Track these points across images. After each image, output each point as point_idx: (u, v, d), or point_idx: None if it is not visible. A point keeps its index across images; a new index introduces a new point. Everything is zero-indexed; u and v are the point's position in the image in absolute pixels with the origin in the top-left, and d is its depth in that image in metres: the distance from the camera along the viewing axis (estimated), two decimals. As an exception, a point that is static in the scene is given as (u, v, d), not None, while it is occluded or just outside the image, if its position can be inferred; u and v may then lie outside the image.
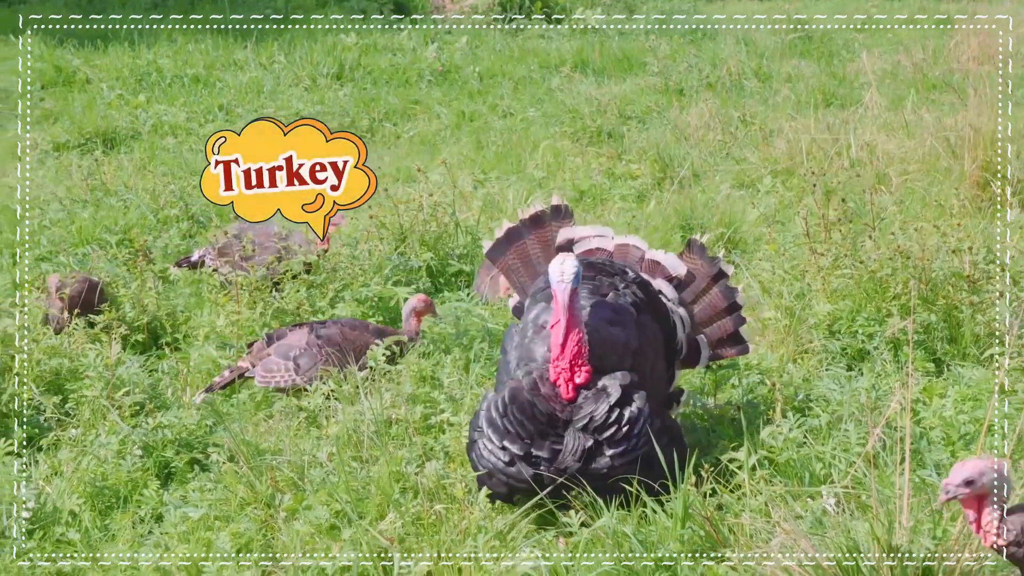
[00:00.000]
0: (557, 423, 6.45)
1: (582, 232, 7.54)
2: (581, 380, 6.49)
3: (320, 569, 6.38)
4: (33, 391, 8.29)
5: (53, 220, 11.74)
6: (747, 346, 7.46)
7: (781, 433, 6.95)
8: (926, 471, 6.71)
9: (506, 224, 7.67)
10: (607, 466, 6.36)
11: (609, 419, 6.39)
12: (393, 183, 12.17)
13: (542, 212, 7.63)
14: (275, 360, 8.45)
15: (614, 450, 6.37)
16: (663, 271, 7.32)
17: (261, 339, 8.71)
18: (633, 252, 7.42)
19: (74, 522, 7.06)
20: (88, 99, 16.16)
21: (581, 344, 6.49)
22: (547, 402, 6.47)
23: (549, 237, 7.55)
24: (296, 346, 8.48)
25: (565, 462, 6.37)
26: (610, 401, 6.42)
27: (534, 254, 7.54)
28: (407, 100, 16.23)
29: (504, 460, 6.45)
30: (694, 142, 13.50)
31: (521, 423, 6.45)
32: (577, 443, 6.38)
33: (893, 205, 10.57)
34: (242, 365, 8.57)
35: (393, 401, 7.70)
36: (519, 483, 6.44)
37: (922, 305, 8.49)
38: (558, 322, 6.48)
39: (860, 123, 13.01)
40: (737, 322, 7.40)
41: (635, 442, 6.38)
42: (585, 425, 6.40)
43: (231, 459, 7.33)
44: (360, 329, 8.70)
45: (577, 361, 6.48)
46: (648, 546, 6.11)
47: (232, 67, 17.56)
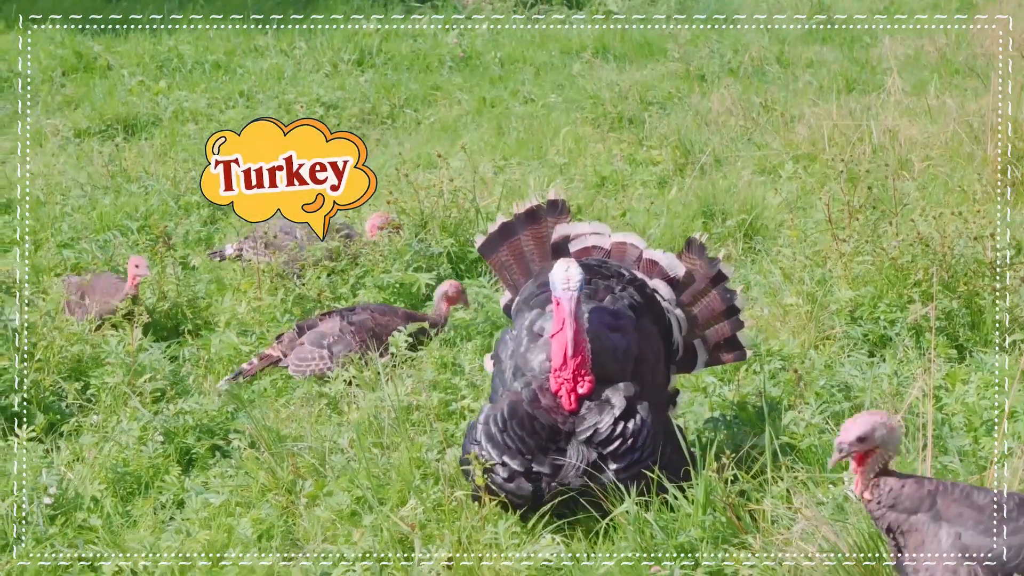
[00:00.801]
0: (559, 436, 6.28)
1: (578, 229, 7.29)
2: (584, 390, 6.30)
3: (341, 555, 6.38)
4: (55, 377, 8.31)
5: (74, 207, 11.76)
6: (744, 352, 7.17)
7: (803, 419, 6.93)
8: (948, 457, 6.68)
9: (500, 219, 7.44)
10: (610, 480, 6.22)
11: (614, 432, 6.22)
12: (414, 169, 12.15)
13: (538, 207, 7.35)
14: (309, 349, 8.47)
15: (618, 464, 6.22)
16: (661, 271, 7.07)
17: (291, 329, 8.73)
18: (630, 251, 7.17)
19: (96, 508, 7.08)
20: (109, 85, 16.17)
21: (585, 352, 6.30)
22: (548, 414, 6.29)
23: (544, 233, 7.30)
24: (329, 334, 8.50)
25: (567, 477, 6.24)
26: (615, 413, 6.26)
27: (528, 251, 7.30)
28: (428, 86, 16.19)
29: (503, 476, 6.28)
30: (715, 128, 13.45)
31: (521, 439, 6.27)
32: (581, 457, 6.23)
33: (915, 191, 10.54)
34: (272, 354, 8.58)
35: (414, 387, 7.70)
36: (518, 499, 6.30)
37: (944, 291, 8.45)
38: (561, 331, 6.27)
39: (882, 109, 12.95)
40: (735, 326, 7.12)
41: (639, 455, 6.24)
42: (589, 438, 6.24)
43: (252, 445, 7.34)
44: (390, 314, 8.72)
45: (581, 371, 6.29)
46: (670, 532, 6.09)
47: (253, 53, 17.55)
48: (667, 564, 5.95)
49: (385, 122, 15.09)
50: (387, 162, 12.89)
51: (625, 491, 6.20)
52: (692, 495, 6.18)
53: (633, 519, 6.07)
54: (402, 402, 7.44)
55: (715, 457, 6.32)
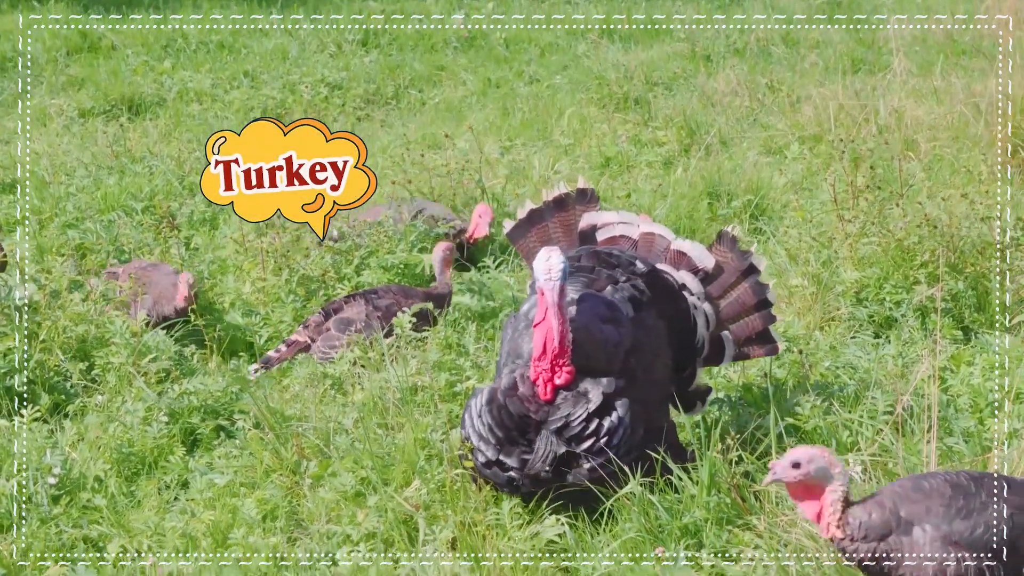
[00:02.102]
0: (528, 427, 6.17)
1: (606, 218, 7.21)
2: (562, 381, 6.17)
3: (346, 536, 6.39)
4: (60, 358, 8.31)
5: (79, 187, 11.76)
6: (776, 346, 7.04)
7: (808, 401, 6.92)
8: (953, 439, 6.68)
9: (529, 205, 7.37)
10: (584, 479, 6.12)
11: (587, 429, 6.11)
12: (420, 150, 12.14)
13: (566, 195, 7.30)
14: (335, 335, 8.45)
15: (591, 463, 6.11)
16: (689, 263, 6.96)
17: (317, 313, 8.72)
18: (658, 242, 7.06)
19: (100, 488, 7.09)
20: (113, 65, 16.16)
21: (565, 343, 6.16)
22: (522, 403, 6.18)
23: (572, 221, 7.25)
24: (356, 320, 8.49)
25: (535, 467, 6.13)
26: (589, 408, 6.13)
27: (555, 238, 7.23)
28: (433, 66, 16.17)
29: (481, 462, 6.25)
30: (721, 109, 13.43)
31: (491, 428, 6.20)
32: (548, 448, 6.11)
33: (921, 172, 10.51)
34: (299, 340, 8.57)
35: (419, 368, 7.69)
36: (498, 484, 6.27)
37: (950, 273, 8.45)
38: (544, 320, 6.16)
39: (888, 89, 12.91)
40: (767, 320, 6.98)
41: (614, 453, 6.12)
42: (559, 428, 6.12)
43: (257, 426, 7.35)
44: (413, 296, 8.72)
45: (559, 361, 6.16)
46: (674, 513, 6.09)
47: (258, 33, 17.52)
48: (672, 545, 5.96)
49: (390, 103, 15.09)
50: (392, 143, 12.88)
51: (598, 492, 6.14)
52: (697, 476, 6.18)
53: (638, 500, 6.06)
54: (407, 383, 7.43)
55: (720, 438, 6.31)
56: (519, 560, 6.04)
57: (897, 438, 6.41)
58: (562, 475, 6.14)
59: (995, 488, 5.08)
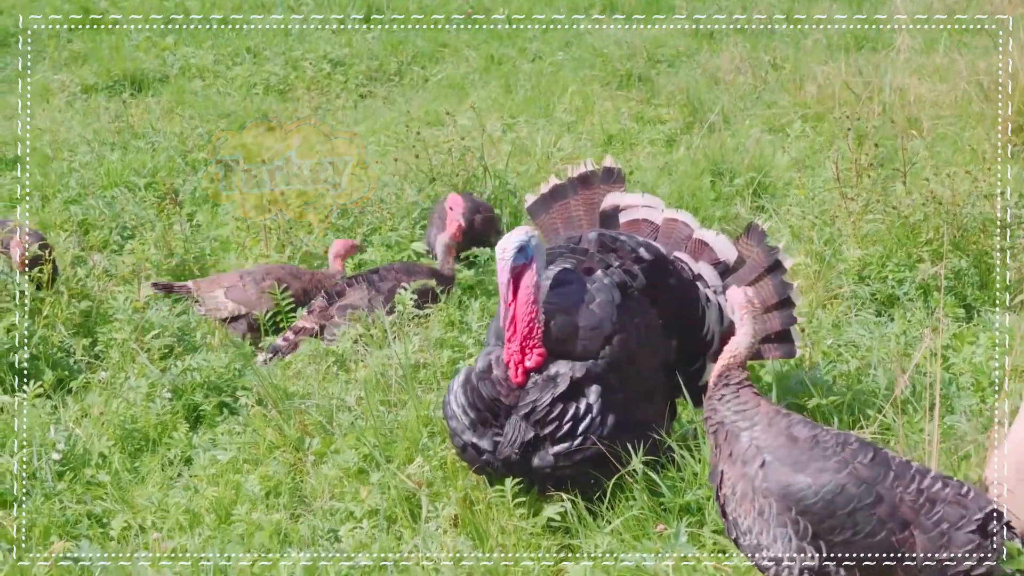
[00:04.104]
0: (499, 410, 6.10)
1: (630, 200, 7.05)
2: (532, 364, 6.06)
3: (348, 512, 6.40)
4: (63, 334, 8.33)
5: (81, 163, 11.76)
6: (794, 348, 6.81)
7: (810, 378, 6.92)
8: (955, 417, 6.67)
9: (553, 181, 7.24)
10: (551, 465, 6.03)
11: (551, 413, 6.00)
12: (422, 127, 12.12)
13: (592, 172, 7.16)
14: (341, 323, 8.44)
15: (558, 448, 6.02)
16: (710, 254, 6.80)
17: (320, 298, 8.70)
18: (681, 229, 6.89)
19: (104, 464, 7.11)
20: (116, 41, 16.13)
21: (533, 325, 6.05)
22: (494, 386, 6.10)
23: (595, 200, 7.10)
24: (359, 305, 8.47)
25: (504, 452, 6.06)
26: (555, 393, 6.02)
27: (576, 216, 7.12)
28: (435, 43, 16.14)
29: (457, 444, 6.20)
30: (724, 86, 13.41)
31: (464, 409, 6.13)
32: (516, 433, 6.03)
33: (924, 150, 10.50)
34: (306, 326, 8.55)
35: (421, 345, 7.70)
36: (474, 466, 6.22)
37: (953, 251, 8.44)
38: (513, 302, 6.08)
39: (892, 67, 12.89)
40: (787, 321, 6.75)
41: (581, 440, 6.01)
42: (527, 414, 6.03)
43: (260, 403, 7.36)
44: (417, 273, 8.71)
45: (528, 343, 6.06)
46: (677, 492, 6.09)
47: (260, 9, 17.49)
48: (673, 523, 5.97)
49: (392, 79, 15.06)
50: (394, 119, 12.86)
51: (562, 481, 6.09)
52: (700, 455, 6.18)
53: (640, 478, 6.06)
54: (410, 360, 7.44)
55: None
56: (521, 537, 6.05)
57: (899, 416, 6.41)
58: (531, 461, 6.05)
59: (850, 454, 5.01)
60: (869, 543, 4.85)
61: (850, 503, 4.86)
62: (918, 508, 4.84)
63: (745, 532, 5.01)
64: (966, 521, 4.82)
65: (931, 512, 4.84)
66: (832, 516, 4.87)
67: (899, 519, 4.84)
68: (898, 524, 4.84)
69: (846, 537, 4.86)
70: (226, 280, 8.87)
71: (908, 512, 4.84)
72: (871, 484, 4.88)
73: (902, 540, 4.83)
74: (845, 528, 4.86)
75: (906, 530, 4.83)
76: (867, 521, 4.85)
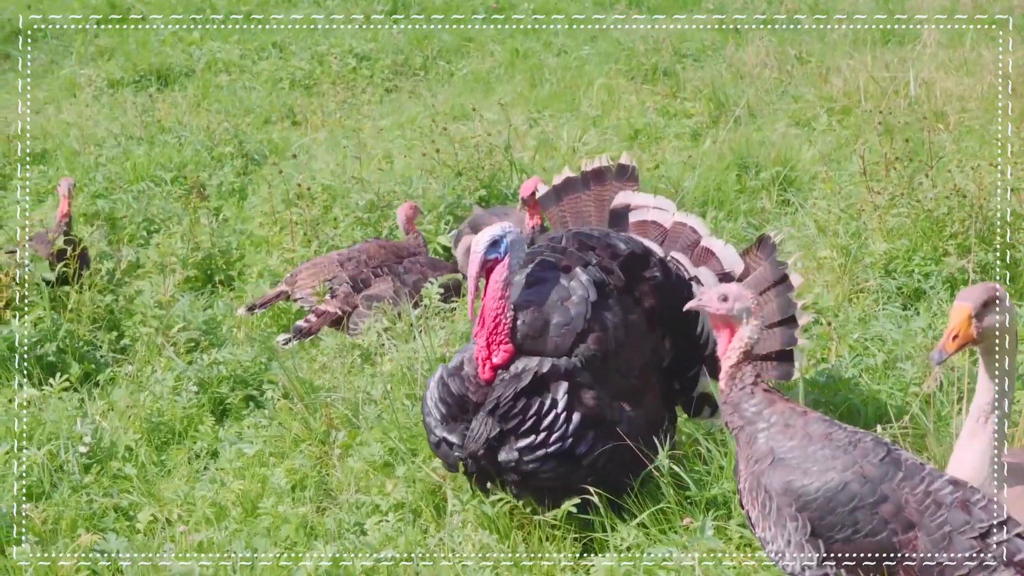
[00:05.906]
0: (467, 406, 5.99)
1: (641, 200, 6.87)
2: (499, 360, 5.94)
3: (375, 506, 6.41)
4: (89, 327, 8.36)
5: (109, 157, 11.80)
6: (792, 369, 6.41)
7: (836, 372, 6.90)
8: (983, 411, 6.63)
9: (566, 173, 7.13)
10: (515, 460, 5.90)
11: (514, 408, 5.87)
12: (448, 121, 12.13)
13: (606, 168, 7.02)
14: (365, 313, 8.44)
15: (521, 443, 5.88)
16: (716, 264, 6.60)
17: (345, 283, 8.70)
18: (688, 234, 6.69)
19: (130, 457, 7.14)
20: (142, 36, 16.17)
21: (500, 321, 5.92)
22: (463, 383, 5.99)
23: (607, 196, 6.95)
24: (384, 296, 8.48)
25: (469, 447, 5.95)
26: (517, 388, 5.88)
27: (586, 211, 7.01)
28: (461, 37, 16.14)
29: (432, 440, 6.11)
30: (750, 80, 13.38)
31: (436, 405, 6.04)
32: (481, 429, 5.92)
33: (951, 143, 10.46)
34: (329, 310, 8.56)
35: (446, 339, 7.70)
36: (448, 463, 6.14)
37: (979, 244, 8.40)
38: (484, 297, 5.98)
39: (918, 61, 12.85)
40: (788, 340, 6.39)
41: (545, 436, 5.87)
42: (491, 409, 5.90)
43: (286, 396, 7.37)
44: (441, 269, 8.71)
45: (494, 339, 5.94)
46: (702, 485, 6.07)
47: (286, 4, 17.53)
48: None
49: (418, 73, 15.07)
50: (420, 113, 12.87)
51: (530, 478, 5.95)
52: (725, 449, 6.16)
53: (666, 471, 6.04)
54: (435, 353, 7.44)
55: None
56: (545, 530, 6.05)
57: (927, 410, 6.39)
58: (496, 457, 5.94)
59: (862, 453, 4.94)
60: (870, 542, 4.82)
61: (851, 500, 4.82)
62: (923, 510, 4.81)
63: (755, 525, 5.01)
64: (969, 527, 4.78)
65: (935, 514, 4.81)
66: (832, 513, 4.83)
67: (903, 520, 4.79)
68: (902, 524, 4.80)
69: (846, 535, 4.84)
70: (326, 269, 8.84)
71: (914, 513, 4.81)
72: (876, 483, 4.82)
73: (905, 541, 4.79)
74: (845, 526, 4.83)
75: (910, 531, 4.80)
76: (868, 520, 4.80)
